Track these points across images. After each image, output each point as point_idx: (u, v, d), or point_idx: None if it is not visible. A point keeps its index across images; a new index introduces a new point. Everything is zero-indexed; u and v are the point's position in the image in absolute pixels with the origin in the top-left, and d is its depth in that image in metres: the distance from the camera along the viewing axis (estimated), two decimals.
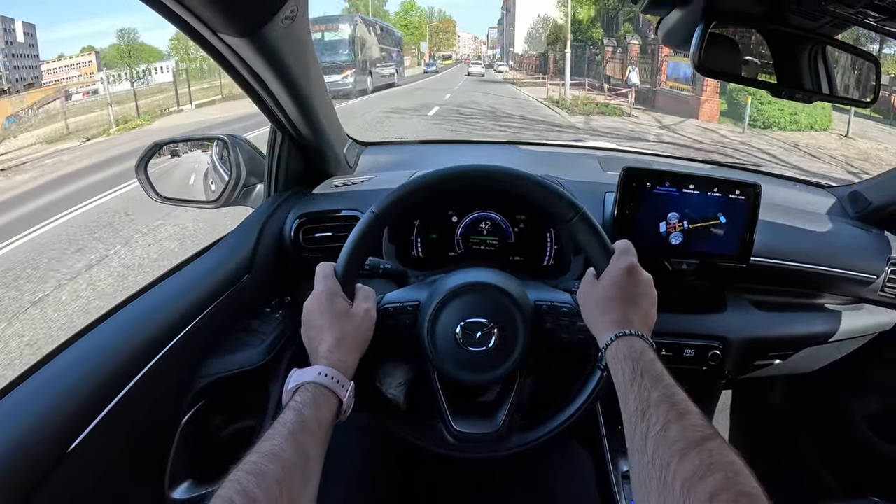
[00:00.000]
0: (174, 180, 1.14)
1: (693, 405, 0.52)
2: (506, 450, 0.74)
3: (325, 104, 0.99)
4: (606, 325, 0.64)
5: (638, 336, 0.62)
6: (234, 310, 0.87)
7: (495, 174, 0.73)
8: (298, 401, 0.58)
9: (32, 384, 0.60)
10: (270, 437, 0.53)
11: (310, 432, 0.55)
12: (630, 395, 0.56)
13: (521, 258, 0.99)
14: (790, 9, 0.76)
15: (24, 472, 0.52)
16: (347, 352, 0.65)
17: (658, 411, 0.51)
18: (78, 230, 5.44)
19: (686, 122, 12.38)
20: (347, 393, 0.62)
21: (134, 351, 0.67)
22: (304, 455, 0.53)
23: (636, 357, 0.59)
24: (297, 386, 0.60)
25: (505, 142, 1.68)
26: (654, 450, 0.48)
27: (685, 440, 0.47)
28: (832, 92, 0.86)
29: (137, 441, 0.68)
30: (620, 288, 0.66)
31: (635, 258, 0.68)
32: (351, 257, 0.71)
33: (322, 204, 1.02)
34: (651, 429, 0.50)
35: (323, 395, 0.60)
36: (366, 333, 0.69)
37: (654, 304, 0.68)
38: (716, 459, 0.45)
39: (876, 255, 1.07)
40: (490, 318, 0.72)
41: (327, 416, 0.59)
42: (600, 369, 0.71)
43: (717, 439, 0.47)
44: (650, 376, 0.56)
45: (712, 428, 0.49)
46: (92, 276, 4.24)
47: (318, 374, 0.61)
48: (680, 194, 0.92)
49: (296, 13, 0.73)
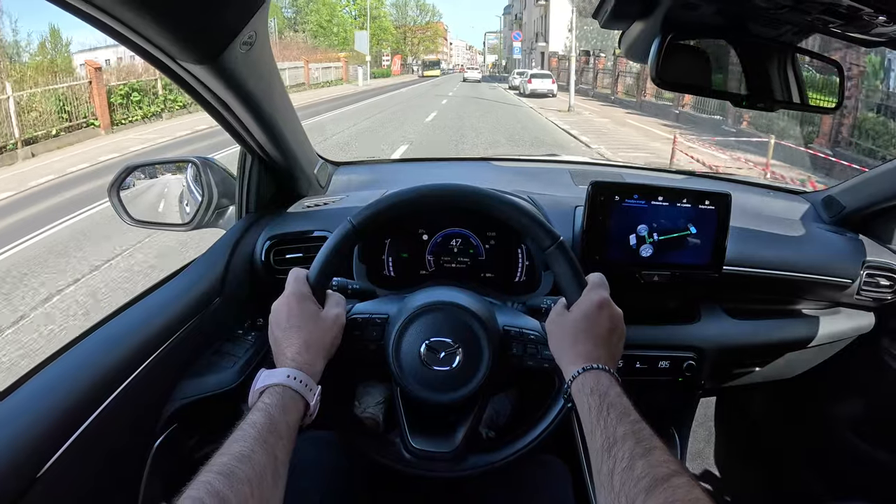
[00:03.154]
0: (147, 203, 1.13)
1: (659, 441, 0.52)
2: (463, 470, 0.74)
3: (293, 126, 0.99)
4: (573, 357, 0.65)
5: (605, 370, 0.62)
6: (206, 332, 0.87)
7: (475, 196, 0.74)
8: (267, 402, 0.58)
9: (1, 409, 0.60)
10: (240, 438, 0.53)
11: (278, 435, 0.55)
12: (596, 430, 0.56)
13: (493, 275, 0.98)
14: (749, 18, 0.76)
15: None
16: (315, 355, 0.65)
17: (624, 447, 0.52)
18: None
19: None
20: (315, 397, 0.62)
21: (104, 375, 0.67)
22: (273, 457, 0.53)
23: (603, 392, 0.59)
24: (265, 387, 0.60)
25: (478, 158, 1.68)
26: (619, 487, 0.49)
27: (650, 476, 0.48)
28: (802, 101, 0.87)
29: (109, 465, 0.68)
30: (591, 322, 0.66)
31: (608, 292, 0.69)
32: (324, 264, 0.71)
33: (293, 225, 1.02)
34: (617, 465, 0.51)
35: (291, 397, 0.60)
36: (334, 339, 0.69)
37: (622, 340, 0.68)
38: (680, 497, 0.45)
39: (851, 258, 1.08)
40: (455, 339, 0.72)
41: (295, 420, 0.59)
42: (564, 400, 0.71)
43: (682, 475, 0.48)
44: (616, 412, 0.56)
45: (678, 463, 0.50)
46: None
47: (286, 376, 0.61)
48: (649, 206, 0.92)
49: (254, 38, 0.73)
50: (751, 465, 1.48)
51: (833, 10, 0.65)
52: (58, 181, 7.74)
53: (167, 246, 4.56)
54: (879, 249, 1.12)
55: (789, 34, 0.79)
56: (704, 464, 1.63)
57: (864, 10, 0.62)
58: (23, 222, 5.83)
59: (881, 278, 1.08)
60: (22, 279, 4.30)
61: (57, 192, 7.06)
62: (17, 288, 4.13)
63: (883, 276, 1.08)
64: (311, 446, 0.83)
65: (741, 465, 1.55)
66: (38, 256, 4.78)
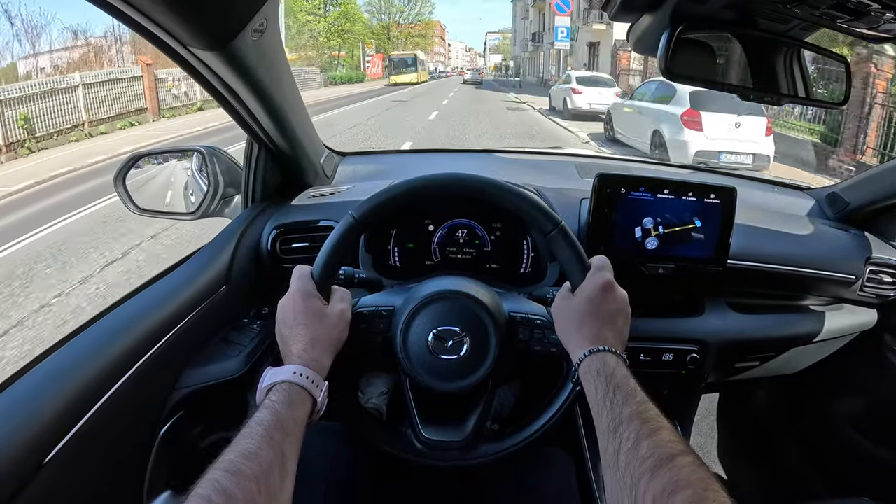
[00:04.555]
0: (153, 192, 1.14)
1: (665, 421, 0.52)
2: (474, 458, 0.74)
3: (301, 115, 0.99)
4: (580, 340, 0.64)
5: (611, 352, 0.62)
6: (212, 321, 0.87)
7: (476, 183, 0.73)
8: (274, 399, 0.58)
9: (8, 395, 0.60)
10: (247, 435, 0.53)
11: (285, 431, 0.55)
12: (603, 412, 0.56)
13: (498, 266, 0.99)
14: (758, 12, 0.76)
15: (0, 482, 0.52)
16: (322, 352, 0.65)
17: (630, 428, 0.52)
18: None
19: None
20: (322, 393, 0.62)
21: (110, 362, 0.67)
22: (280, 454, 0.53)
23: (609, 373, 0.59)
24: (271, 384, 0.60)
25: (483, 150, 1.68)
26: (625, 467, 0.49)
27: (655, 457, 0.47)
28: (808, 95, 0.87)
29: (115, 452, 0.68)
30: (596, 304, 0.66)
31: (612, 274, 0.68)
32: (328, 259, 0.71)
33: (299, 215, 1.02)
34: (623, 445, 0.50)
35: (298, 394, 0.60)
36: (340, 334, 0.69)
37: (628, 321, 0.68)
38: (685, 476, 0.45)
39: (855, 255, 1.08)
40: (462, 327, 0.72)
41: (302, 416, 0.59)
42: (573, 384, 0.71)
43: (688, 455, 0.47)
44: (622, 393, 0.56)
45: (684, 443, 0.49)
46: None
47: (293, 373, 0.61)
48: (655, 199, 0.92)
49: (265, 26, 0.73)
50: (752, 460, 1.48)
51: (841, 5, 0.65)
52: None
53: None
54: (883, 246, 1.12)
55: (797, 29, 0.79)
56: (706, 458, 1.62)
57: (872, 7, 0.63)
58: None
59: (884, 275, 1.08)
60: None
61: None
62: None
63: (886, 272, 1.08)
64: (316, 437, 0.83)
65: (743, 460, 1.55)
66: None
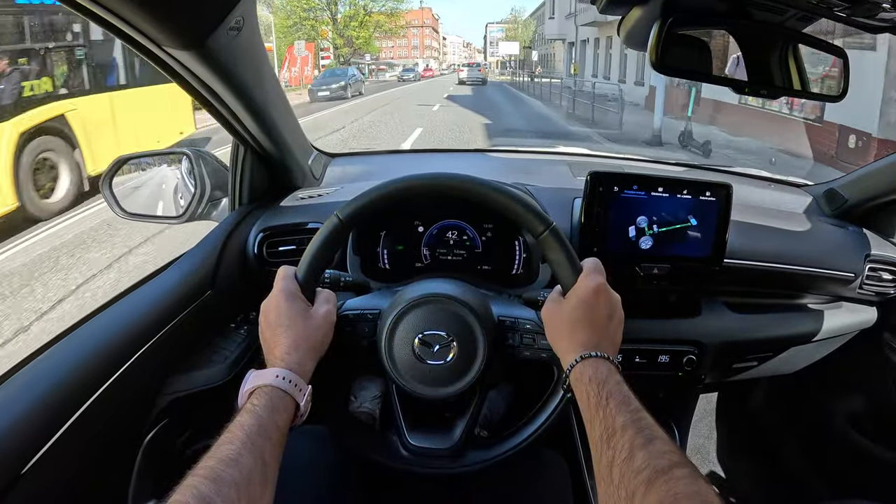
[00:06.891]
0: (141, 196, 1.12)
1: (661, 430, 0.50)
2: (462, 466, 0.72)
3: (285, 116, 0.98)
4: (571, 345, 0.62)
5: (604, 358, 0.60)
6: (197, 326, 0.86)
7: (464, 183, 0.71)
8: (256, 404, 0.56)
9: None
10: (227, 441, 0.51)
11: (267, 437, 0.54)
12: (595, 420, 0.54)
13: (489, 267, 0.97)
14: (752, 2, 0.74)
15: None
16: (305, 355, 0.63)
17: (624, 438, 0.50)
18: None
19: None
20: (304, 397, 0.60)
21: (93, 369, 0.66)
22: (261, 460, 0.51)
23: (601, 380, 0.57)
24: (253, 388, 0.59)
25: (475, 150, 1.67)
26: (619, 479, 0.47)
27: (651, 468, 0.45)
28: (804, 88, 0.85)
29: (98, 460, 0.67)
30: (588, 308, 0.64)
31: (604, 277, 0.66)
32: (312, 260, 0.69)
33: (286, 217, 1.00)
34: (617, 456, 0.49)
35: (280, 398, 0.58)
36: (325, 337, 0.67)
37: (620, 325, 0.66)
38: (682, 489, 0.43)
39: (854, 252, 1.06)
40: (449, 332, 0.70)
41: (284, 421, 0.58)
42: (563, 390, 0.69)
43: (684, 466, 0.45)
44: (616, 401, 0.54)
45: (680, 454, 0.47)
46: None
47: (275, 376, 0.59)
48: (648, 198, 0.90)
49: (242, 24, 0.71)
50: (751, 460, 1.47)
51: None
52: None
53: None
54: (882, 243, 1.10)
55: (793, 19, 0.77)
56: (705, 459, 1.62)
57: None
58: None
59: (884, 272, 1.06)
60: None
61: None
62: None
63: (886, 269, 1.06)
64: (305, 442, 0.82)
65: (742, 460, 1.54)
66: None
